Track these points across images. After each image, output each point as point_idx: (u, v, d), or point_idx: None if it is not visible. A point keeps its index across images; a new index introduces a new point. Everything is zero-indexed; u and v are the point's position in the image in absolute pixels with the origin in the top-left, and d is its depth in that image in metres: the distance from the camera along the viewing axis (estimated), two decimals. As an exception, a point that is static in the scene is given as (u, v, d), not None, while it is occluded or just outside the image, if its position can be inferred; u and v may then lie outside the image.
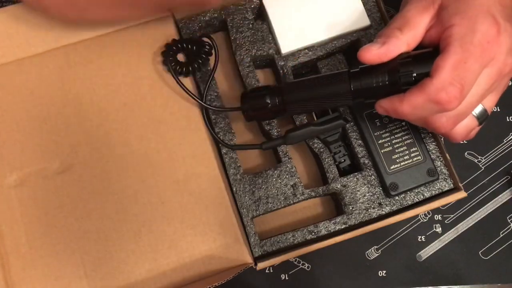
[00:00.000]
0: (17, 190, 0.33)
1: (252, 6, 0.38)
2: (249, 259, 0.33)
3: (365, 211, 0.35)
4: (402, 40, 0.30)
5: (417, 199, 0.36)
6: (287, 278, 0.40)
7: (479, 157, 0.42)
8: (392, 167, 0.35)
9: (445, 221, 0.41)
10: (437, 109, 0.28)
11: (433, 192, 0.36)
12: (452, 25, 0.29)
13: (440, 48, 0.29)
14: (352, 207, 0.36)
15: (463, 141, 0.32)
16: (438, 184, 0.36)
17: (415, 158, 0.36)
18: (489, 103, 0.32)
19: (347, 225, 0.35)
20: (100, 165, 0.34)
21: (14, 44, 0.34)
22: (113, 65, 0.35)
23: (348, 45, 0.38)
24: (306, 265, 0.40)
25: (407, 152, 0.36)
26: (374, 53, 0.30)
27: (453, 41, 0.28)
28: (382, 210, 0.35)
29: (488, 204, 0.41)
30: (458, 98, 0.28)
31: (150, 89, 0.35)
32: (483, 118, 0.32)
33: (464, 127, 0.32)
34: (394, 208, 0.36)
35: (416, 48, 0.31)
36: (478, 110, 0.31)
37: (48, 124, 0.34)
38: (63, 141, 0.34)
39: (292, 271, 0.40)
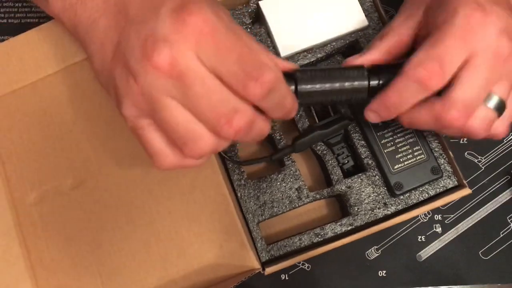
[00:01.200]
0: (37, 207, 0.35)
1: (249, 10, 0.38)
2: (256, 265, 0.34)
3: (370, 211, 0.36)
4: (379, 48, 0.31)
5: (422, 198, 0.36)
6: (287, 278, 0.40)
7: (479, 157, 0.42)
8: (396, 167, 0.36)
9: (445, 221, 0.41)
10: (421, 88, 0.28)
11: (438, 190, 0.36)
12: (435, 19, 0.29)
13: None
14: (358, 208, 0.36)
15: (486, 137, 0.31)
16: (442, 182, 0.36)
17: (418, 157, 0.36)
18: (502, 91, 0.30)
19: (353, 227, 0.35)
20: (109, 178, 0.35)
21: (27, 69, 0.36)
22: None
23: (346, 46, 0.38)
24: (306, 265, 0.40)
25: (410, 151, 0.36)
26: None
27: (432, 29, 0.28)
28: (388, 210, 0.36)
29: (488, 204, 0.41)
30: (438, 73, 0.27)
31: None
32: (501, 108, 0.30)
33: (481, 119, 0.30)
34: (400, 207, 0.36)
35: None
36: (493, 101, 0.30)
37: (61, 142, 0.35)
38: (74, 157, 0.35)
39: (292, 271, 0.40)
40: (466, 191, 0.35)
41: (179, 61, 0.25)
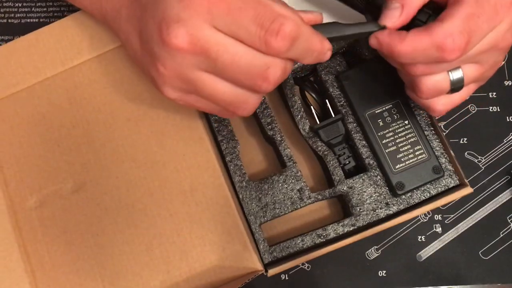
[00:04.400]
0: (37, 212, 0.35)
1: (249, 11, 0.38)
2: (259, 266, 0.34)
3: (372, 211, 0.36)
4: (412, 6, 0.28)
5: (423, 197, 0.36)
6: (287, 278, 0.40)
7: (479, 157, 0.42)
8: (397, 167, 0.36)
9: (445, 221, 0.41)
10: (437, 56, 0.27)
11: (439, 189, 0.36)
12: None
13: (449, 2, 0.28)
14: (360, 208, 0.36)
15: (423, 102, 0.31)
16: (443, 181, 0.36)
17: (419, 156, 0.36)
18: (471, 73, 0.29)
19: (355, 227, 0.35)
20: (110, 181, 0.35)
21: (25, 71, 0.36)
22: (115, 82, 0.36)
23: (346, 46, 0.38)
24: (306, 265, 0.40)
25: (412, 150, 0.36)
26: (395, 21, 0.28)
27: None
28: (390, 210, 0.36)
29: (488, 204, 0.41)
30: (462, 49, 0.26)
31: (152, 102, 0.36)
32: (457, 85, 0.30)
33: (435, 82, 0.29)
34: (401, 207, 0.36)
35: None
36: (456, 75, 0.29)
37: (60, 146, 0.35)
38: (74, 161, 0.35)
39: (292, 271, 0.40)
40: (467, 190, 0.35)
41: (197, 36, 0.25)
